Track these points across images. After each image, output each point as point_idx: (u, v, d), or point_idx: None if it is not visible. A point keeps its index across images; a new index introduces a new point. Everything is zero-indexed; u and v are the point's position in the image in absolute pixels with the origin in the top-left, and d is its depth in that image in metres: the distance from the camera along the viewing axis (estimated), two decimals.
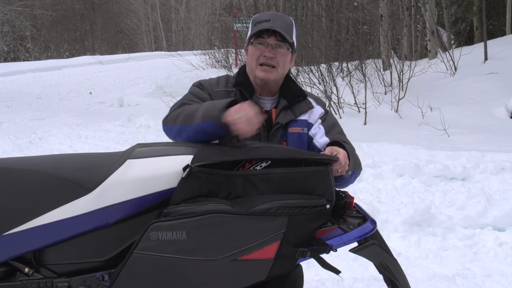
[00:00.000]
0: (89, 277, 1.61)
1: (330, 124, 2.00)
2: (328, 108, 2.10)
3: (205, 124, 1.70)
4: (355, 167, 1.89)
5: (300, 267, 1.98)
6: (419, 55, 12.60)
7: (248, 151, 1.65)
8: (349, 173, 1.82)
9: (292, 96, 1.98)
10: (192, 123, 1.73)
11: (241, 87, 1.96)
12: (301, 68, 9.18)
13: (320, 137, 1.95)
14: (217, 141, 1.91)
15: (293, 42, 1.93)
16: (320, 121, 1.99)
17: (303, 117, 1.98)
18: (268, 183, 1.62)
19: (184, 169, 1.60)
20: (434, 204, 4.08)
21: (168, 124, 1.84)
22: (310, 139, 1.97)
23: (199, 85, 1.99)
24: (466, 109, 7.30)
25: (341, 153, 1.75)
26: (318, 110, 2.01)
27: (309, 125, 1.98)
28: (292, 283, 1.90)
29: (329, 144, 1.89)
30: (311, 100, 2.03)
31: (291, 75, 2.07)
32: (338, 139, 1.92)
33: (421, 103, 7.20)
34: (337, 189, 1.80)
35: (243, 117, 1.65)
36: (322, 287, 2.86)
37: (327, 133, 1.96)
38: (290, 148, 1.74)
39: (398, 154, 5.27)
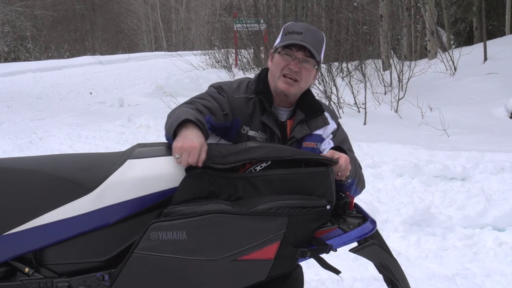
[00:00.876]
0: (89, 277, 1.61)
1: (341, 140, 1.98)
2: (339, 122, 2.08)
3: (166, 136, 1.72)
4: (356, 178, 1.87)
5: (300, 268, 1.98)
6: (419, 55, 12.59)
7: (249, 151, 1.65)
8: (349, 180, 1.81)
9: (310, 110, 1.94)
10: (165, 127, 1.75)
11: (261, 95, 1.91)
12: None
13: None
14: (218, 141, 1.92)
15: (320, 60, 1.90)
16: (331, 136, 1.97)
17: (318, 132, 1.95)
18: (269, 184, 1.63)
19: (187, 170, 1.60)
20: (433, 204, 4.08)
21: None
22: (320, 153, 1.95)
23: (219, 88, 1.93)
24: (465, 109, 7.30)
25: (342, 157, 1.74)
26: (331, 126, 1.99)
27: (322, 140, 1.96)
28: (293, 284, 1.91)
29: (332, 149, 1.88)
30: (327, 115, 2.00)
31: (311, 90, 2.02)
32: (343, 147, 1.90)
33: (420, 103, 7.20)
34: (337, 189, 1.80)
35: (181, 155, 1.59)
36: (322, 287, 2.86)
37: None
38: (291, 148, 1.74)
39: (398, 154, 5.27)
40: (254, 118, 1.89)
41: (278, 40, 1.92)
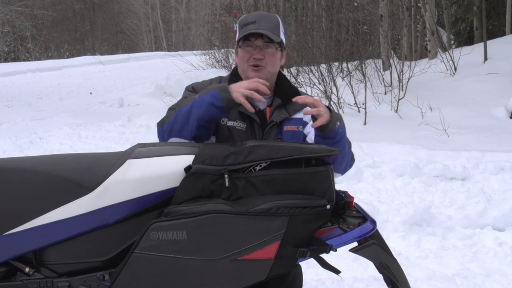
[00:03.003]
0: (90, 277, 1.61)
1: None
2: None
3: (204, 96, 1.78)
4: (344, 127, 1.87)
5: (299, 267, 1.98)
6: (419, 55, 12.59)
7: (248, 152, 1.65)
8: (337, 125, 1.81)
9: (286, 95, 2.00)
10: (186, 105, 1.81)
11: None
12: (301, 68, 9.18)
13: (312, 136, 1.95)
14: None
15: (281, 41, 1.95)
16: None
17: (298, 115, 1.99)
18: (270, 184, 1.63)
19: (186, 170, 1.60)
20: (434, 204, 4.08)
21: (164, 123, 1.89)
22: (304, 136, 2.00)
23: (192, 89, 2.01)
24: (466, 109, 7.29)
25: (320, 104, 1.77)
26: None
27: (304, 123, 2.00)
28: (292, 283, 1.91)
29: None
30: None
31: (284, 75, 2.10)
32: None
33: (421, 103, 7.19)
34: (337, 189, 1.80)
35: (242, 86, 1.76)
36: (322, 287, 2.86)
37: None
38: (290, 146, 1.71)
39: (398, 154, 5.27)
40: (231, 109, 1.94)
41: (237, 36, 1.98)
